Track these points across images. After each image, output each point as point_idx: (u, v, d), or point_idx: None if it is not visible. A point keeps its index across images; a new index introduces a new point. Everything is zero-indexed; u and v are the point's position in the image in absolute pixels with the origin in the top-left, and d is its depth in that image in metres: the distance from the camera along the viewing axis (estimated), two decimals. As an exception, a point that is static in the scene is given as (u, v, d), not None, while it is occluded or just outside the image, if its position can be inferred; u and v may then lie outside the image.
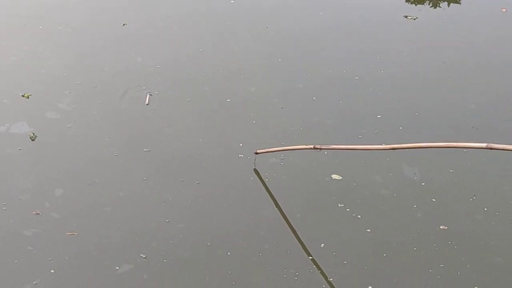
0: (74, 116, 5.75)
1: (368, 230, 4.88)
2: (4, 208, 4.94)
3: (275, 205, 5.05)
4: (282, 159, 5.37)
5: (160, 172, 5.30)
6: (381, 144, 5.39)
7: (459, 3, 7.73)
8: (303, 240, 4.81)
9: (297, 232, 4.86)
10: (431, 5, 7.67)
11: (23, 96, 5.94)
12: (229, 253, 4.71)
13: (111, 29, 6.94)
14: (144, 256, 4.67)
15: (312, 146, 5.01)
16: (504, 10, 7.54)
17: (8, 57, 6.46)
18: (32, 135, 5.53)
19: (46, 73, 6.25)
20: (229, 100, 6.02)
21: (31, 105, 5.87)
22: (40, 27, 6.90)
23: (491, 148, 4.02)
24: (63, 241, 4.74)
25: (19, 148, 5.43)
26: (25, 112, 5.78)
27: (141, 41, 6.79)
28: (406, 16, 7.37)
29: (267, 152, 5.32)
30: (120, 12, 7.21)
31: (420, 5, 7.68)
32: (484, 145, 4.06)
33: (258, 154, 5.33)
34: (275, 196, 5.11)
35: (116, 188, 5.14)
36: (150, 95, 6.03)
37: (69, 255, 4.65)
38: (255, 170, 5.30)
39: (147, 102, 5.94)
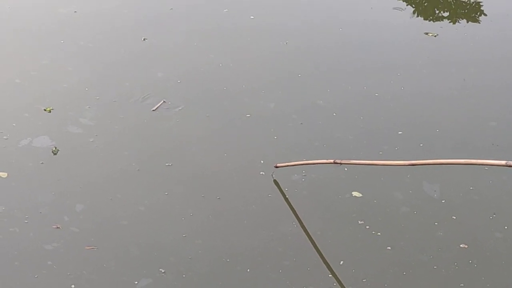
0: (96, 131, 5.78)
1: (388, 248, 4.87)
2: (26, 221, 4.97)
3: (296, 221, 5.05)
4: (304, 175, 5.37)
5: (181, 186, 5.31)
6: (401, 160, 5.40)
7: (479, 22, 7.72)
8: (322, 257, 4.80)
9: (317, 249, 4.86)
10: (451, 22, 7.67)
11: (45, 110, 5.98)
12: (248, 270, 4.71)
13: (132, 44, 6.98)
14: (163, 271, 4.67)
15: (332, 161, 5.02)
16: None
17: (30, 71, 6.50)
18: (54, 149, 5.56)
19: (67, 88, 6.28)
20: (249, 115, 6.03)
21: (53, 119, 5.90)
22: (62, 41, 6.94)
23: (511, 166, 4.00)
24: (82, 255, 4.76)
25: (41, 162, 5.46)
26: (47, 126, 5.82)
27: (161, 56, 6.82)
28: (426, 33, 7.37)
29: (287, 166, 5.32)
30: (140, 27, 7.25)
31: (440, 22, 7.68)
32: (503, 162, 4.04)
33: (278, 168, 5.35)
34: (295, 213, 5.11)
35: (137, 202, 5.15)
36: (164, 101, 6.08)
37: (87, 270, 4.67)
38: (275, 181, 5.32)
39: (155, 108, 5.99)
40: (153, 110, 6.00)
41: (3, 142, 5.63)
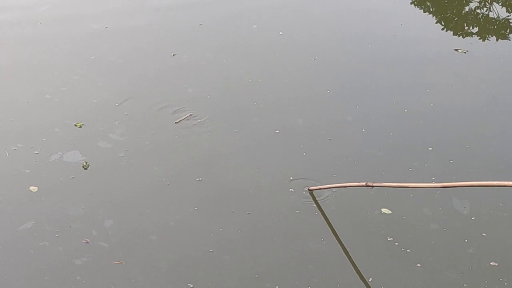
0: (126, 146, 5.81)
1: (418, 265, 4.84)
2: (56, 235, 5.00)
3: (325, 238, 5.03)
4: (334, 191, 5.36)
5: (211, 202, 5.32)
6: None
7: (509, 39, 7.69)
8: (351, 274, 4.79)
9: (346, 266, 4.84)
10: (481, 38, 7.64)
11: (75, 125, 6.02)
12: (277, 287, 4.70)
13: (162, 60, 7.02)
14: (191, 286, 4.68)
15: (364, 183, 5.01)
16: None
17: (60, 86, 6.56)
18: (85, 163, 5.59)
19: (98, 103, 6.33)
20: (278, 131, 6.04)
21: (84, 134, 5.95)
22: (92, 57, 7.00)
23: None
24: (111, 270, 4.78)
25: (71, 177, 5.50)
26: (77, 141, 5.86)
27: (191, 71, 6.86)
28: (456, 50, 7.34)
29: (320, 189, 5.33)
30: (170, 43, 7.29)
31: (470, 38, 7.65)
32: None
33: (311, 191, 5.37)
34: (324, 229, 5.09)
35: (167, 217, 5.17)
36: (190, 114, 6.11)
37: (116, 284, 4.68)
38: (304, 198, 5.32)
39: (178, 120, 6.02)
40: (176, 123, 6.03)
41: (34, 156, 5.68)
